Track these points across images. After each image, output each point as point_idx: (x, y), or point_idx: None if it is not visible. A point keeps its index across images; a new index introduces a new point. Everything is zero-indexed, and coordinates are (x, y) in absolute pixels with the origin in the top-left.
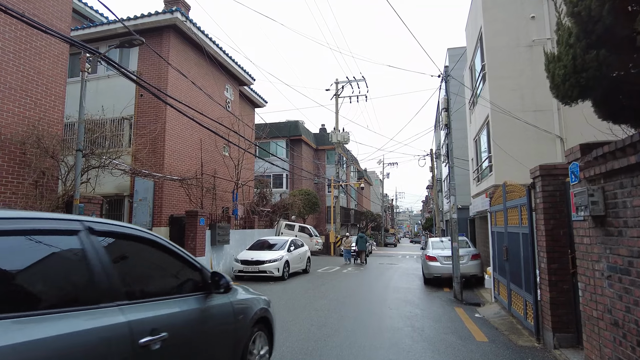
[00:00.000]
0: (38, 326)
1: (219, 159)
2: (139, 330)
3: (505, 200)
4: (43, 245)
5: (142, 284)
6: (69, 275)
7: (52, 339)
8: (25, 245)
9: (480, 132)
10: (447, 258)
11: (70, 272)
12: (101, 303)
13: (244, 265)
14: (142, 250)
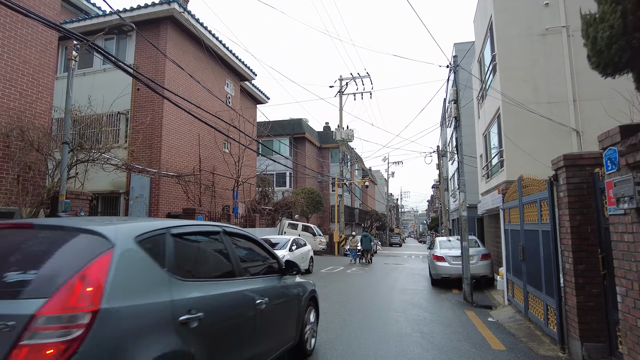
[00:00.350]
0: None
1: (219, 156)
2: (254, 294)
3: (521, 196)
4: (203, 240)
5: (249, 266)
6: (219, 260)
7: (221, 295)
8: (193, 241)
9: (490, 127)
10: (456, 258)
11: (219, 257)
12: (235, 277)
13: None
14: (248, 245)
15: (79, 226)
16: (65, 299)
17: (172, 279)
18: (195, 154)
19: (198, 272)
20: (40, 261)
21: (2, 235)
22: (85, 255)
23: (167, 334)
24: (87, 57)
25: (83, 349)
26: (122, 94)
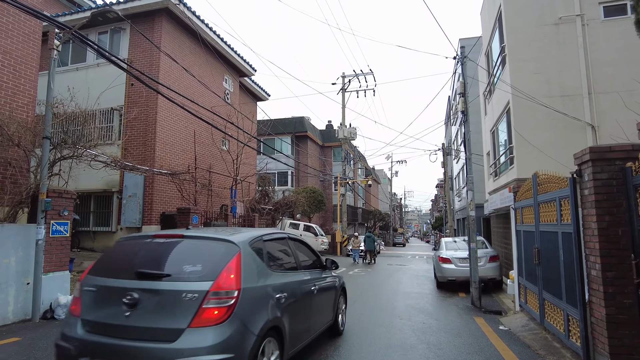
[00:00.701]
0: (294, 275)
1: (217, 154)
2: (309, 282)
3: (536, 194)
4: (281, 246)
5: (304, 262)
6: (288, 257)
7: (296, 282)
8: (273, 246)
9: (499, 122)
10: (463, 260)
11: (287, 255)
12: (297, 270)
13: None
14: (301, 246)
15: (217, 236)
16: (222, 282)
17: (268, 269)
18: (192, 152)
19: (278, 265)
20: (202, 258)
21: (166, 243)
22: (226, 255)
23: (270, 305)
24: (80, 52)
25: (235, 311)
26: (110, 86)
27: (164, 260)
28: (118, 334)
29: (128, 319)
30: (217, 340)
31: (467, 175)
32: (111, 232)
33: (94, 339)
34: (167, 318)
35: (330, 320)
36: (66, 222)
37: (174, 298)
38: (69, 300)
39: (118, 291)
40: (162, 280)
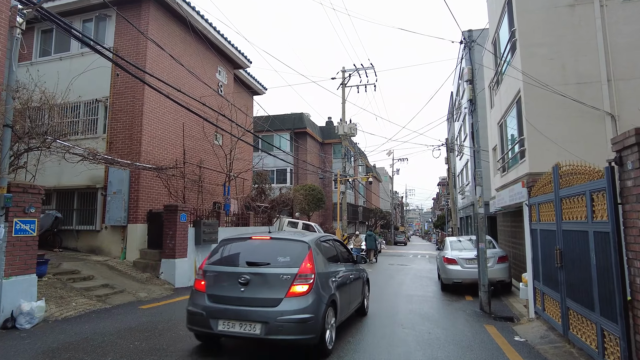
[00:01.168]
0: (338, 266)
1: (209, 149)
2: (347, 272)
3: (557, 188)
4: (329, 244)
5: (342, 257)
6: (334, 253)
7: (340, 271)
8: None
9: (507, 113)
10: (470, 261)
11: (333, 251)
12: (339, 262)
13: None
14: (340, 245)
15: (294, 238)
16: (304, 268)
17: (326, 261)
18: (182, 146)
19: (330, 258)
20: (287, 254)
21: (261, 242)
22: (303, 251)
23: (330, 285)
24: (64, 41)
25: (313, 287)
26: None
27: (263, 254)
28: (236, 303)
29: (243, 293)
30: (303, 306)
31: (474, 169)
32: (95, 230)
33: (219, 306)
34: (270, 291)
35: (360, 302)
36: (33, 220)
37: (274, 278)
38: (35, 308)
39: (234, 275)
40: (265, 267)
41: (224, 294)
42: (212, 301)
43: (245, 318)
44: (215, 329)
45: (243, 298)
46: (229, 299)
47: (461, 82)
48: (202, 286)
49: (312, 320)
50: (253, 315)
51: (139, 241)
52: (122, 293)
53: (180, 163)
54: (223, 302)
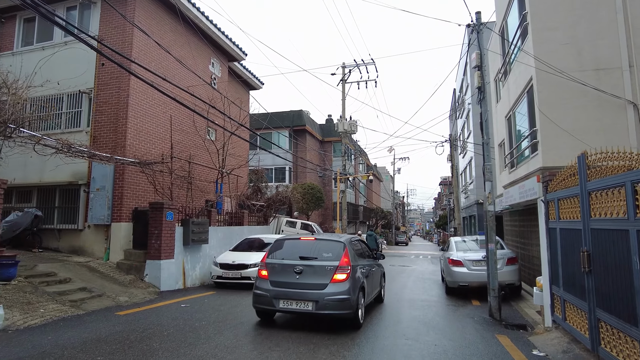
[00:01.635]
0: (364, 260)
1: (200, 144)
2: (370, 265)
3: (584, 180)
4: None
5: (365, 253)
6: (361, 250)
7: (366, 264)
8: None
9: (517, 105)
10: (477, 263)
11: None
12: (364, 258)
13: (223, 270)
14: (363, 244)
15: (333, 238)
16: (342, 262)
17: (357, 256)
18: (174, 141)
19: (358, 254)
20: (329, 250)
21: (309, 242)
22: (341, 248)
23: (361, 275)
24: (47, 30)
25: (350, 276)
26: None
27: (311, 251)
28: (293, 287)
29: (298, 279)
30: (343, 289)
31: (484, 163)
32: (78, 230)
33: (280, 289)
34: (318, 278)
35: (378, 291)
36: None
37: (321, 269)
38: None
39: (290, 266)
40: (313, 260)
41: (283, 280)
42: (274, 286)
43: (300, 298)
44: (277, 307)
45: (298, 283)
46: (287, 284)
47: (464, 77)
48: (265, 275)
49: (349, 300)
50: (306, 296)
51: (124, 241)
52: (101, 297)
53: (167, 158)
54: (283, 287)
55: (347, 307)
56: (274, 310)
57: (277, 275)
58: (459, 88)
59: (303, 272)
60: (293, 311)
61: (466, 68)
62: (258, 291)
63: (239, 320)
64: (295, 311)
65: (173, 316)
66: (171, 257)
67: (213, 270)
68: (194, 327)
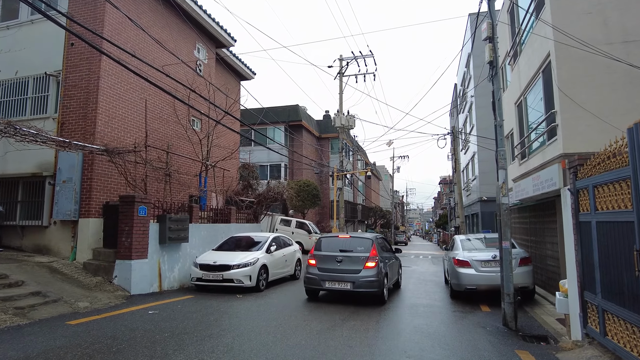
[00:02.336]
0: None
1: (182, 134)
2: (389, 257)
3: (638, 157)
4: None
5: (387, 247)
6: (384, 244)
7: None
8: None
9: (529, 88)
10: (486, 263)
11: (384, 244)
12: (386, 251)
13: (203, 272)
14: (385, 240)
15: (364, 236)
16: (372, 253)
17: (380, 249)
18: (153, 130)
19: (382, 248)
20: (361, 245)
21: (345, 238)
22: (370, 243)
23: (384, 263)
24: (12, 7)
25: (377, 264)
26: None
27: (348, 245)
28: (336, 272)
29: (339, 266)
30: (373, 273)
31: (497, 149)
32: (42, 226)
33: (325, 274)
34: (354, 265)
35: (397, 279)
36: None
37: (356, 258)
38: None
39: (333, 256)
40: (350, 252)
41: (328, 267)
42: (320, 271)
43: (341, 280)
44: (324, 286)
45: (339, 269)
46: (331, 269)
47: (466, 70)
48: (314, 263)
49: (377, 281)
50: (346, 278)
51: (93, 239)
52: (56, 303)
53: (140, 146)
54: (327, 272)
55: (376, 286)
56: (322, 289)
57: (323, 263)
58: (460, 82)
59: (342, 261)
60: (336, 290)
61: (469, 59)
62: (309, 275)
63: (208, 332)
64: (338, 289)
65: (133, 326)
66: (144, 257)
67: (192, 272)
68: (153, 341)
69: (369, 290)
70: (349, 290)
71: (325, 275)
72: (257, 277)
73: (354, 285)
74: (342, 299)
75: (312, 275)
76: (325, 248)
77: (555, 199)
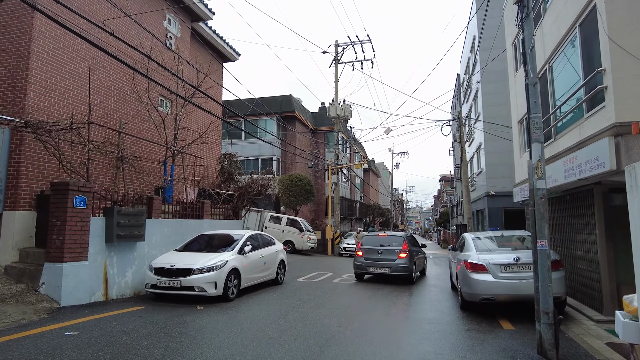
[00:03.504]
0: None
1: (147, 115)
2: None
3: None
4: (411, 237)
5: (416, 243)
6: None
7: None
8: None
9: (558, 52)
10: (507, 268)
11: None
12: (415, 247)
13: (158, 277)
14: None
15: (397, 234)
16: (404, 247)
17: (410, 245)
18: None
19: (412, 244)
20: (396, 241)
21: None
22: (402, 240)
23: (414, 256)
24: None
25: (409, 255)
26: None
27: (386, 241)
28: (377, 260)
29: (380, 256)
30: (405, 262)
31: (529, 115)
32: None
33: (370, 262)
34: (391, 256)
35: (422, 268)
36: None
37: (392, 251)
38: None
39: (375, 249)
40: (387, 246)
41: (371, 257)
42: (366, 260)
43: (382, 266)
44: (369, 270)
45: (380, 258)
46: (374, 258)
47: (471, 55)
48: (361, 255)
49: (408, 267)
50: (385, 265)
51: (21, 236)
52: None
53: (80, 123)
54: (371, 260)
55: (407, 271)
56: (367, 273)
57: (367, 255)
58: (464, 70)
59: (382, 252)
60: (378, 273)
61: (473, 44)
62: (358, 262)
63: None
64: (379, 273)
65: (30, 357)
66: (82, 259)
67: (147, 277)
68: None
69: (401, 273)
70: (387, 273)
71: (370, 263)
72: (225, 283)
73: (391, 269)
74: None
75: (360, 263)
76: (368, 243)
77: (594, 187)
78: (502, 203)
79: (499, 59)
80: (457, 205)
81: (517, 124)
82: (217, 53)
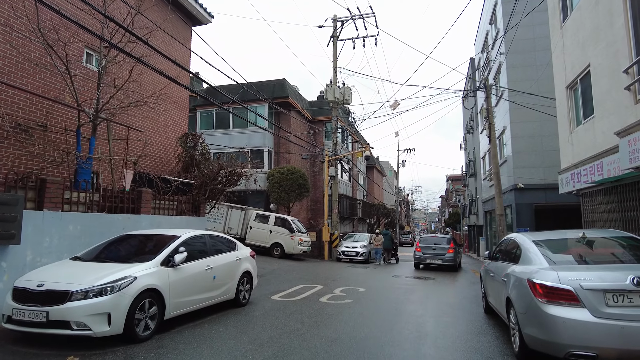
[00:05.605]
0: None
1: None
2: (458, 249)
3: None
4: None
5: (457, 243)
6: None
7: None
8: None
9: None
10: (622, 297)
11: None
12: (458, 246)
13: (16, 305)
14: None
15: (444, 236)
16: (451, 245)
17: (455, 243)
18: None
19: (455, 243)
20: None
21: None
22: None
23: (457, 252)
24: None
25: (454, 251)
26: None
27: (437, 240)
28: (432, 253)
29: (434, 251)
30: (452, 256)
31: None
32: None
33: (427, 255)
34: (442, 251)
35: (459, 262)
36: None
37: (443, 247)
38: None
39: (430, 246)
40: (439, 244)
41: (428, 252)
42: (423, 254)
43: (435, 258)
44: (426, 261)
45: (434, 252)
46: (430, 253)
47: (491, 26)
48: (420, 249)
49: (455, 260)
50: (438, 258)
51: None
52: None
53: None
54: (428, 254)
55: (454, 262)
56: (423, 263)
57: (424, 250)
58: (481, 48)
59: (435, 248)
60: (432, 264)
61: (494, 13)
62: (417, 256)
63: None
64: (433, 264)
65: None
66: None
67: (4, 304)
68: None
69: (450, 263)
70: (440, 263)
71: (427, 256)
72: (129, 314)
73: (442, 261)
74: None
75: (419, 256)
76: (425, 242)
77: None
78: (535, 198)
79: (527, 25)
80: (470, 204)
81: (565, 89)
82: (185, 13)
